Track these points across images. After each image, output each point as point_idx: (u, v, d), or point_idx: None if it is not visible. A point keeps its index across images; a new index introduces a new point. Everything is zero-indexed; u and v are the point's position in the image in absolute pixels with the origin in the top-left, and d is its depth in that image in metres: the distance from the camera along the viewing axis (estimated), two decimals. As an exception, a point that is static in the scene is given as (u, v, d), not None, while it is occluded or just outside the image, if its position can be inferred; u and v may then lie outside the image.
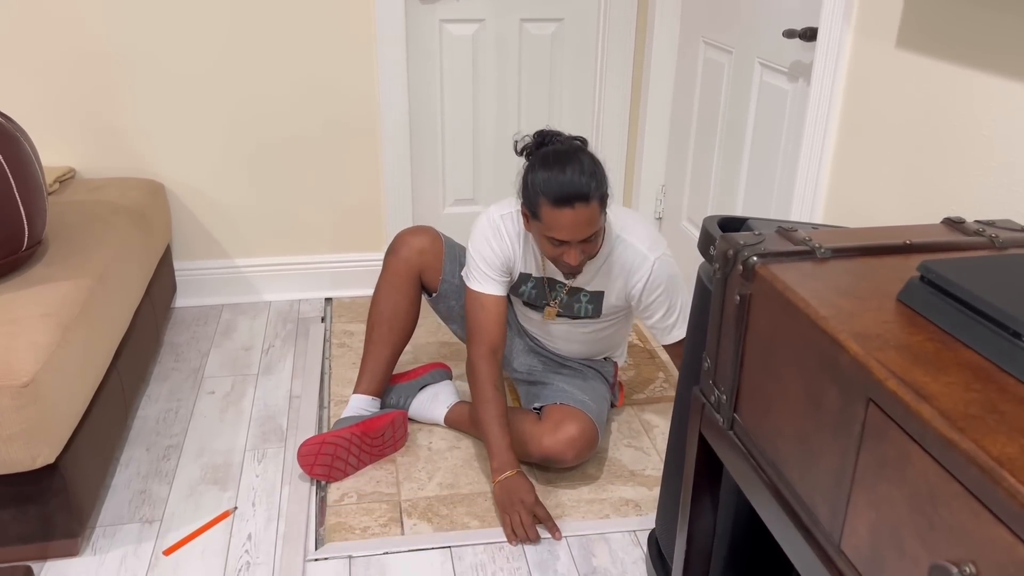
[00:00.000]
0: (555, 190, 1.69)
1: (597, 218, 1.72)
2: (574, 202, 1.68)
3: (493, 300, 1.92)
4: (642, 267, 1.86)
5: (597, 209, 1.71)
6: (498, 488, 1.84)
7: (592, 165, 1.72)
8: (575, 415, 1.93)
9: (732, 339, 1.10)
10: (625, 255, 1.87)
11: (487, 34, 2.76)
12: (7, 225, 1.75)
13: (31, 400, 1.52)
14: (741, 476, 1.10)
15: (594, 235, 1.75)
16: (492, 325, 1.91)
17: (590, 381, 2.06)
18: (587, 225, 1.71)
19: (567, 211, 1.69)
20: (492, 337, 1.91)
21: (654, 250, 1.86)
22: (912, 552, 0.76)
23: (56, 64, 2.50)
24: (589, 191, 1.69)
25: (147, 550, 1.76)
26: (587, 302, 1.94)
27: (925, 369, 0.80)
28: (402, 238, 2.08)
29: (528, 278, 1.96)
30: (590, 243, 1.76)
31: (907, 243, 1.09)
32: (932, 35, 1.50)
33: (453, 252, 2.08)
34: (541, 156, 1.76)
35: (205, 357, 2.52)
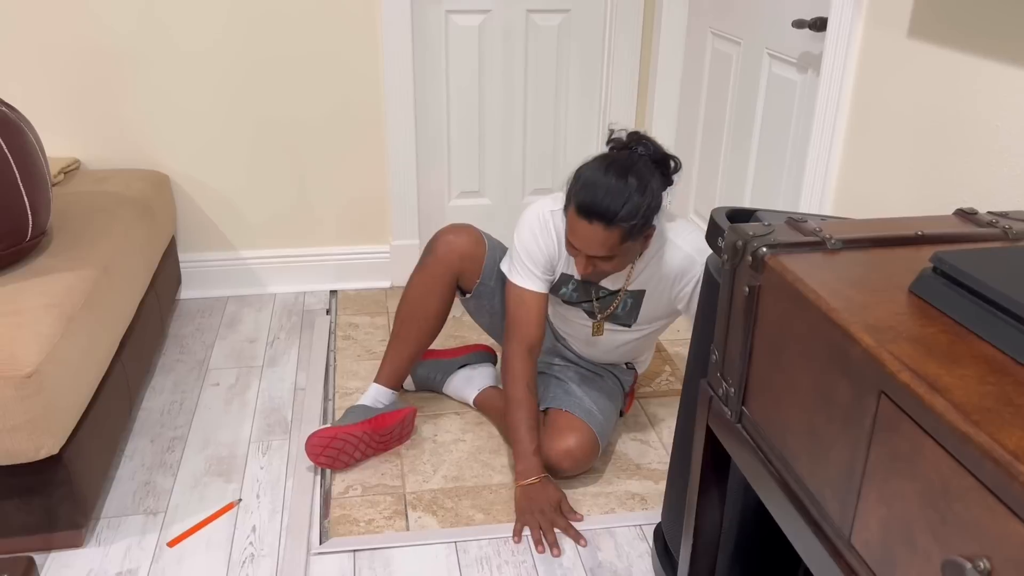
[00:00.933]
0: (584, 198, 1.64)
1: (613, 244, 1.66)
2: (593, 218, 1.64)
3: (534, 296, 1.86)
4: (691, 269, 1.80)
5: (617, 236, 1.65)
6: (520, 492, 1.82)
7: (639, 194, 1.63)
8: (577, 426, 1.91)
9: (740, 331, 1.08)
10: (673, 257, 1.82)
11: (493, 25, 2.75)
12: (11, 216, 1.74)
13: (35, 391, 1.52)
14: (749, 470, 1.09)
15: (609, 257, 1.69)
16: (531, 322, 1.86)
17: (605, 388, 2.04)
18: (599, 245, 1.66)
19: (584, 222, 1.65)
20: (530, 334, 1.86)
21: (702, 252, 1.80)
22: (924, 547, 0.75)
23: (61, 55, 2.49)
24: (614, 216, 1.62)
25: (151, 541, 1.76)
26: (627, 298, 1.90)
27: (939, 362, 0.79)
28: (444, 239, 2.00)
29: (569, 280, 1.91)
30: (605, 263, 1.71)
31: (919, 234, 1.07)
32: (945, 24, 1.48)
33: (494, 256, 2.00)
34: (604, 157, 1.70)
35: (210, 349, 2.51)
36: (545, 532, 1.76)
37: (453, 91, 2.80)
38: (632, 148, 1.72)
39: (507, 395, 1.87)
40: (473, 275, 2.00)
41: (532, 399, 1.85)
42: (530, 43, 2.80)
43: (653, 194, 1.66)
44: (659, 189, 1.69)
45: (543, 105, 2.89)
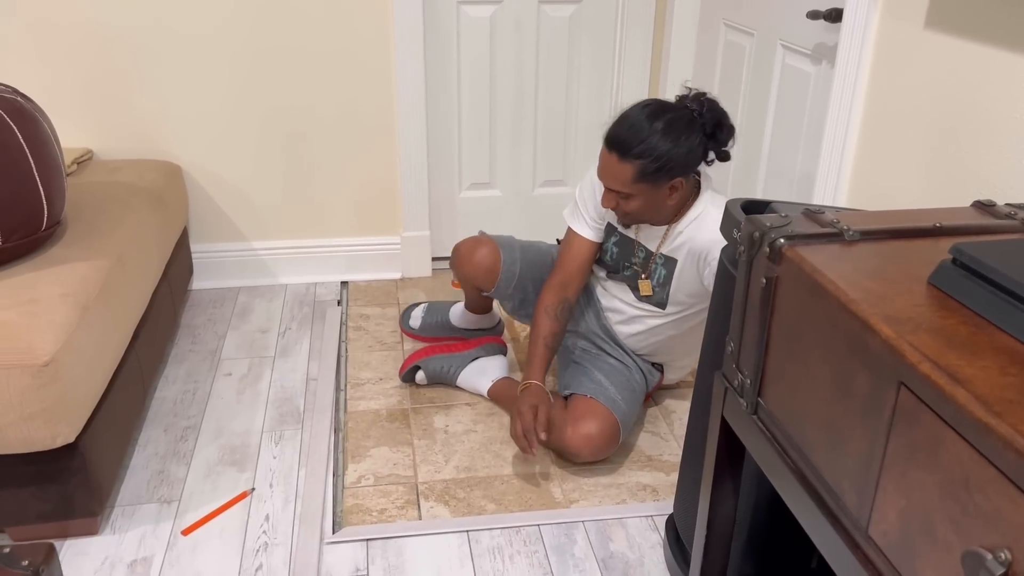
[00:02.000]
0: (610, 128, 1.73)
1: (626, 179, 1.71)
2: (612, 148, 1.71)
3: (580, 241, 1.97)
4: (715, 251, 1.79)
5: (630, 172, 1.70)
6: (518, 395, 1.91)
7: (659, 138, 1.68)
8: (600, 413, 1.91)
9: (757, 322, 1.08)
10: (705, 230, 1.81)
11: (505, 16, 2.74)
12: (27, 205, 1.75)
13: (51, 379, 1.53)
14: (765, 461, 1.09)
15: (627, 196, 1.75)
16: (575, 261, 1.98)
17: (631, 382, 2.03)
18: (612, 177, 1.73)
19: (604, 151, 1.74)
20: (568, 270, 1.98)
21: None
22: (944, 538, 0.75)
23: (75, 46, 2.50)
24: (628, 150, 1.69)
25: (165, 530, 1.77)
26: (661, 265, 1.92)
27: (959, 353, 0.79)
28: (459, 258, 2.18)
29: (613, 232, 1.98)
30: (626, 202, 1.76)
31: (937, 226, 1.07)
32: (962, 15, 1.47)
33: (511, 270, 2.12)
34: (659, 102, 1.75)
35: (222, 339, 2.52)
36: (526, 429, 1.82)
37: (464, 82, 2.80)
38: (687, 103, 1.75)
39: (534, 321, 1.98)
40: (489, 285, 2.16)
41: (550, 322, 1.95)
42: (541, 34, 2.79)
43: (680, 145, 1.69)
44: (695, 146, 1.72)
45: (554, 96, 2.88)
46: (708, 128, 1.73)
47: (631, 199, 1.76)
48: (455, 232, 2.99)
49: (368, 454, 2.01)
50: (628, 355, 2.08)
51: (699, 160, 1.76)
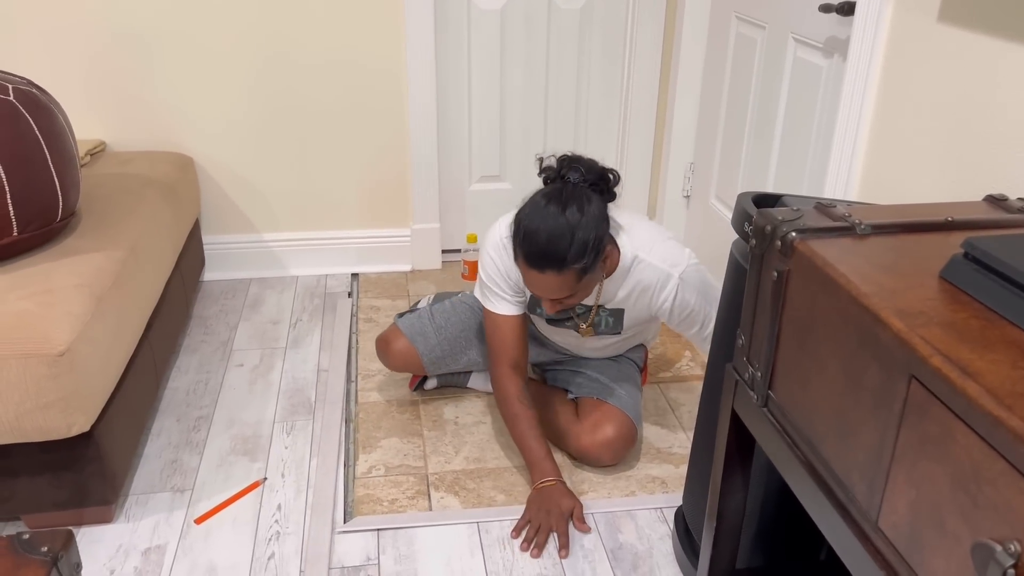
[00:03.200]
0: (529, 248, 1.60)
1: (570, 285, 1.62)
2: (544, 268, 1.59)
3: (507, 320, 1.85)
4: (667, 285, 1.76)
5: (572, 278, 1.61)
6: (534, 493, 1.80)
7: (582, 231, 1.58)
8: (613, 415, 1.91)
9: (768, 316, 1.09)
10: (645, 275, 1.77)
11: (515, 9, 2.74)
12: (42, 196, 1.76)
13: (67, 369, 1.54)
14: (775, 453, 1.09)
15: (571, 296, 1.67)
16: (511, 344, 1.86)
17: (623, 368, 2.04)
18: (557, 290, 1.63)
19: (536, 272, 1.61)
20: (512, 355, 1.86)
21: (676, 265, 1.75)
22: (954, 530, 0.76)
23: (87, 38, 2.51)
24: (563, 261, 1.58)
25: (179, 518, 1.79)
26: (607, 316, 1.88)
27: (970, 346, 0.79)
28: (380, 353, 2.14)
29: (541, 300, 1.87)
30: (571, 299, 1.67)
31: (949, 220, 1.07)
32: (975, 8, 1.47)
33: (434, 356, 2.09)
34: (543, 194, 1.64)
35: (234, 330, 2.54)
36: (540, 532, 1.73)
37: (475, 75, 2.80)
38: (564, 177, 1.66)
39: (504, 414, 1.87)
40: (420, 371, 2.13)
41: (528, 411, 1.84)
42: (552, 27, 2.79)
43: (597, 221, 1.61)
44: (601, 211, 1.63)
45: (564, 89, 2.88)
46: (598, 187, 1.66)
47: (576, 294, 1.67)
48: (465, 224, 3.00)
49: (379, 445, 2.03)
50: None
51: (607, 219, 1.66)
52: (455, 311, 2.10)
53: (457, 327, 2.08)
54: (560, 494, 1.79)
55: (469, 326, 2.09)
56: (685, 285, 1.76)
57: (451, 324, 2.08)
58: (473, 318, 2.09)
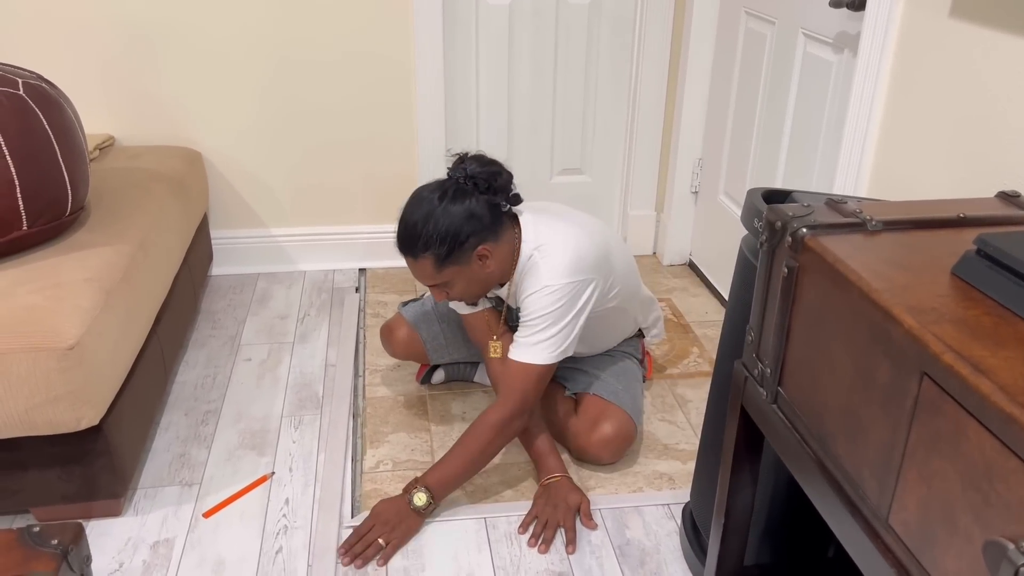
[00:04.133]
0: (396, 234, 1.70)
1: (432, 272, 1.67)
2: (403, 252, 1.69)
3: (476, 316, 1.90)
4: (534, 285, 1.71)
5: (430, 265, 1.66)
6: (541, 489, 1.81)
7: (438, 221, 1.62)
8: (612, 413, 1.90)
9: (778, 312, 1.08)
10: (529, 273, 1.73)
11: (523, 4, 2.73)
12: (52, 190, 1.77)
13: (76, 363, 1.55)
14: (784, 450, 1.09)
15: (443, 286, 1.71)
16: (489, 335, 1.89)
17: (621, 362, 2.03)
18: (419, 275, 1.70)
19: (402, 256, 1.71)
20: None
21: (556, 276, 1.69)
22: (965, 528, 0.75)
23: (96, 32, 2.51)
24: (414, 245, 1.65)
25: (187, 512, 1.79)
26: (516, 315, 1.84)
27: (983, 344, 0.79)
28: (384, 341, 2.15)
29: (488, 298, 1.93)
30: (449, 289, 1.72)
31: (961, 216, 1.07)
32: (988, 4, 1.46)
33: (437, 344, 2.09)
34: (425, 185, 1.72)
35: (241, 325, 2.54)
36: (547, 527, 1.73)
37: (483, 70, 2.80)
38: (452, 173, 1.70)
39: None
40: (423, 359, 2.14)
41: None
42: (560, 22, 2.78)
43: (458, 217, 1.63)
44: (476, 209, 1.65)
45: (573, 85, 2.87)
46: (482, 186, 1.67)
47: (450, 285, 1.71)
48: (472, 220, 3.00)
49: (386, 440, 2.03)
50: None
51: (489, 220, 1.67)
52: None
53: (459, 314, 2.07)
54: (567, 490, 1.79)
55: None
56: (549, 296, 1.69)
57: (454, 312, 2.08)
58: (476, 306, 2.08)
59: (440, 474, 1.74)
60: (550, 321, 1.70)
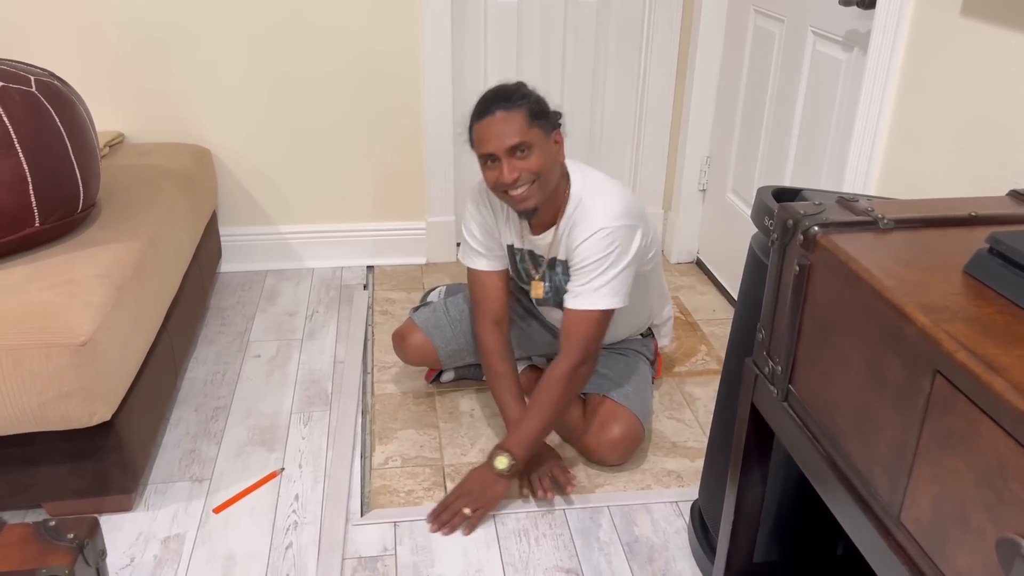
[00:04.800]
0: (478, 105, 1.72)
1: (523, 127, 1.66)
2: (493, 108, 1.68)
3: (487, 275, 1.91)
4: (587, 230, 1.74)
5: (522, 118, 1.67)
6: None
7: (520, 87, 1.72)
8: (621, 415, 1.90)
9: (789, 310, 1.09)
10: (580, 217, 1.77)
11: (532, 2, 2.73)
12: (64, 187, 1.78)
13: (88, 358, 1.56)
14: (795, 448, 1.09)
15: (525, 149, 1.67)
16: (491, 298, 1.91)
17: (632, 363, 2.03)
18: (509, 131, 1.66)
19: (487, 119, 1.68)
20: (493, 309, 1.91)
21: (610, 219, 1.73)
22: (978, 526, 0.76)
23: (106, 29, 2.52)
24: (511, 96, 1.68)
25: (197, 507, 1.80)
26: (562, 273, 1.87)
27: (996, 342, 0.79)
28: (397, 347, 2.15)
29: (512, 250, 1.93)
30: (524, 159, 1.68)
31: (972, 215, 1.07)
32: (999, 2, 1.46)
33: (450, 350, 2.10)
34: None
35: (250, 321, 2.55)
36: (541, 478, 1.83)
37: (491, 68, 2.80)
38: None
39: (485, 369, 1.93)
40: (436, 364, 2.14)
41: (509, 367, 1.90)
42: (569, 20, 2.78)
43: (533, 90, 1.73)
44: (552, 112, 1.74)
45: (581, 82, 2.88)
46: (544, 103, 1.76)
47: (530, 153, 1.68)
48: (480, 218, 3.00)
49: (395, 436, 2.04)
50: (613, 346, 2.07)
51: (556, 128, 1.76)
52: (469, 305, 2.10)
53: (471, 319, 2.08)
54: (542, 449, 1.87)
55: None
56: (604, 238, 1.73)
57: (465, 317, 2.08)
58: None
59: (519, 435, 1.78)
60: (608, 264, 1.73)
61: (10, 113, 1.68)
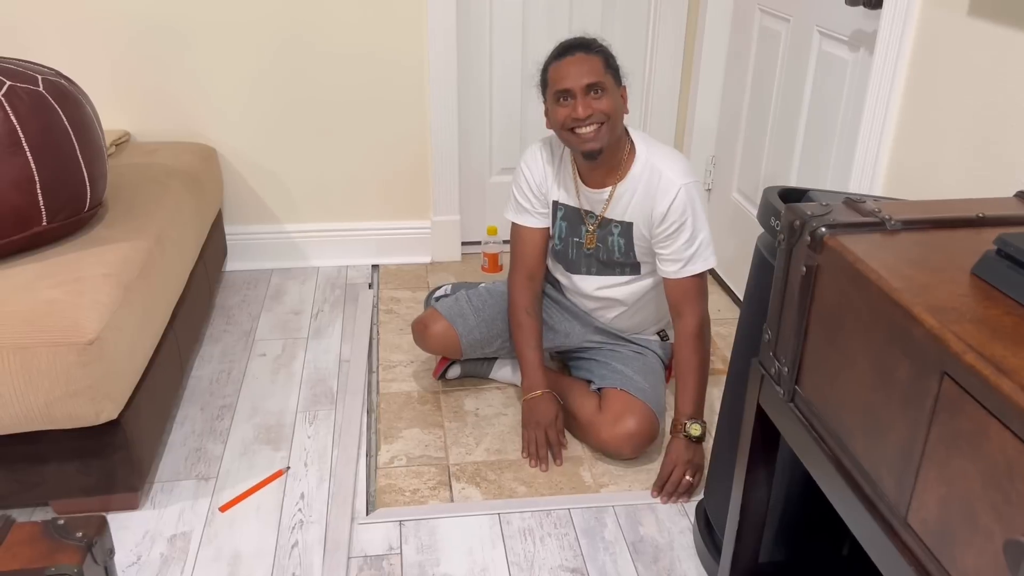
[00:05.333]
0: (558, 47, 1.82)
1: (600, 71, 1.77)
2: (574, 50, 1.78)
3: (530, 231, 2.00)
4: (669, 191, 1.83)
5: (599, 63, 1.78)
6: (524, 405, 1.96)
7: (597, 39, 1.82)
8: (636, 408, 1.91)
9: (796, 311, 1.09)
10: (652, 180, 1.85)
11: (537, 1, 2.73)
12: (71, 186, 1.78)
13: (96, 357, 1.56)
14: (801, 448, 1.09)
15: (600, 90, 1.77)
16: (529, 253, 2.00)
17: (649, 362, 2.04)
18: (589, 72, 1.76)
19: (567, 58, 1.79)
20: (529, 264, 2.00)
21: (684, 176, 1.84)
22: (986, 527, 0.76)
23: (111, 28, 2.53)
24: (589, 43, 1.80)
25: (203, 506, 1.81)
26: (618, 235, 1.92)
27: (1004, 343, 0.79)
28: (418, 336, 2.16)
29: (559, 207, 1.98)
30: (598, 99, 1.77)
31: (980, 216, 1.07)
32: (1006, 3, 1.46)
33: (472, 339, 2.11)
34: None
35: (256, 320, 2.56)
36: (539, 443, 1.91)
37: (496, 66, 2.80)
38: None
39: (511, 320, 2.02)
40: (456, 354, 2.16)
41: (533, 322, 1.99)
42: (574, 16, 2.78)
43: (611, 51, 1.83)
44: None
45: (586, 82, 2.87)
46: None
47: (603, 95, 1.78)
48: (484, 217, 3.00)
49: (400, 435, 2.04)
50: (633, 342, 2.09)
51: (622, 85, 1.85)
52: (491, 296, 2.14)
53: (494, 309, 2.11)
54: (547, 403, 1.93)
55: (504, 309, 2.10)
56: (687, 194, 1.83)
57: (487, 306, 2.11)
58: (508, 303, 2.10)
59: (689, 403, 1.88)
60: (701, 221, 1.86)
61: (18, 112, 1.68)
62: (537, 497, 1.85)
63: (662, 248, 1.88)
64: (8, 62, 1.80)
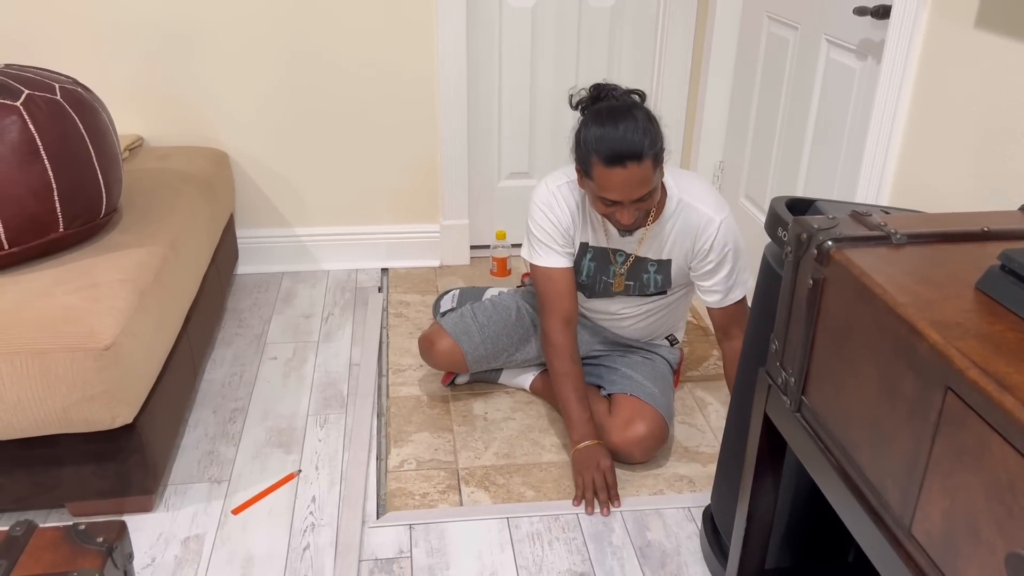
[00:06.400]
0: (607, 149, 1.66)
1: (650, 177, 1.69)
2: (626, 161, 1.65)
3: (560, 272, 1.92)
4: (708, 228, 1.85)
5: (651, 168, 1.67)
6: (576, 454, 1.88)
7: (647, 122, 1.68)
8: (646, 413, 1.93)
9: (802, 322, 1.10)
10: (690, 219, 1.86)
11: (546, 7, 2.75)
12: (87, 193, 1.81)
13: (112, 362, 1.59)
14: (807, 458, 1.11)
15: (648, 193, 1.71)
16: (563, 295, 1.91)
17: (657, 367, 2.07)
18: (640, 185, 1.68)
19: (619, 170, 1.66)
20: (565, 307, 1.91)
21: (719, 211, 1.86)
22: (988, 539, 0.77)
23: (125, 34, 2.56)
24: (642, 149, 1.65)
25: (216, 508, 1.83)
26: (655, 272, 1.94)
27: (1007, 360, 0.80)
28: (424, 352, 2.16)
29: (587, 248, 1.95)
30: (644, 201, 1.73)
31: (985, 230, 1.08)
32: (1013, 15, 1.47)
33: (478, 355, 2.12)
34: (595, 112, 1.72)
35: (267, 324, 2.58)
36: (598, 491, 1.84)
37: (505, 72, 2.82)
38: (606, 97, 1.76)
39: (552, 370, 1.93)
40: (462, 369, 2.17)
41: (577, 369, 1.91)
42: (583, 26, 2.80)
43: (653, 119, 1.71)
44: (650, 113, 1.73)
45: (595, 87, 2.89)
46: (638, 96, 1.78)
47: (651, 194, 1.72)
48: (494, 221, 3.03)
49: (410, 439, 2.06)
50: (643, 348, 2.10)
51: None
52: (496, 310, 2.13)
53: (499, 325, 2.11)
54: (601, 452, 1.88)
55: (509, 324, 2.12)
56: (727, 229, 1.86)
57: (493, 322, 2.11)
58: (513, 317, 2.13)
59: None
60: (741, 252, 1.89)
61: (36, 121, 1.71)
62: (546, 501, 1.87)
63: (703, 280, 1.91)
64: (26, 71, 1.83)
